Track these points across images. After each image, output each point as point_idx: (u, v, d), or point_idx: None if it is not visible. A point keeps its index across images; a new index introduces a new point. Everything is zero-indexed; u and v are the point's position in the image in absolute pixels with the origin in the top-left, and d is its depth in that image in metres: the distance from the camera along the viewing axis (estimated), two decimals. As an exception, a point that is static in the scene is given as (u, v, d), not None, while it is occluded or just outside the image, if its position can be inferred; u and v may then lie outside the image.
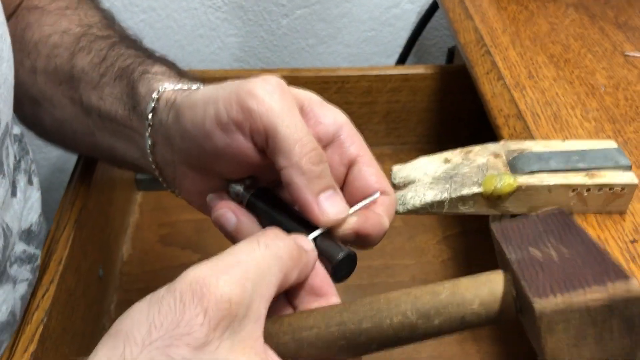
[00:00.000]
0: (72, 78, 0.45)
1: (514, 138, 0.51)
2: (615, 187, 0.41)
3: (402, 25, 0.96)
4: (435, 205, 0.41)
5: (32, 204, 0.48)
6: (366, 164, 0.37)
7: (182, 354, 0.25)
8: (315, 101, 0.37)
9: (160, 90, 0.40)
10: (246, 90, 0.34)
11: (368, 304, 0.29)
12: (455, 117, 0.79)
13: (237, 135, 0.34)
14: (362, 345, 0.29)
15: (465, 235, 0.70)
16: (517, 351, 0.58)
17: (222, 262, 0.28)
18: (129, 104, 0.42)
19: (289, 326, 0.29)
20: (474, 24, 0.66)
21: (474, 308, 0.27)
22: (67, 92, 0.46)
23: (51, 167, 1.03)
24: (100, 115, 0.44)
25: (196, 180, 0.40)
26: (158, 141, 0.40)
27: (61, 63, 0.46)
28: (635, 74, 0.57)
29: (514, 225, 0.31)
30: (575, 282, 0.25)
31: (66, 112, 0.47)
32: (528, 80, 0.56)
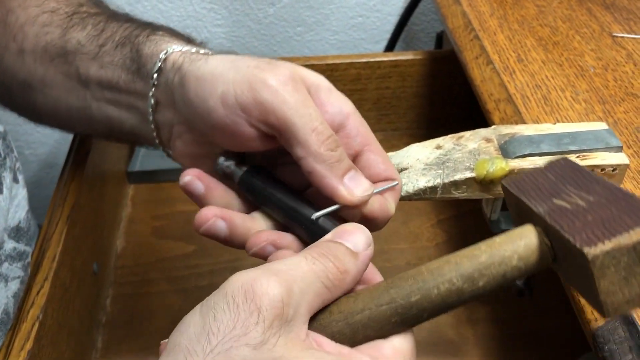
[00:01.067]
0: (66, 52, 0.45)
1: (505, 122, 0.51)
2: (607, 168, 0.41)
3: (389, 11, 0.95)
4: (428, 191, 0.41)
5: (19, 202, 0.48)
6: (374, 152, 0.37)
7: (242, 354, 0.26)
8: (324, 87, 0.37)
9: (168, 51, 0.40)
10: (260, 79, 0.34)
11: (412, 278, 0.30)
12: (445, 102, 0.79)
13: (241, 121, 0.35)
14: (414, 318, 0.30)
15: (458, 218, 0.70)
16: (513, 333, 0.59)
17: (272, 267, 0.29)
18: (133, 67, 0.42)
19: (340, 313, 0.30)
20: (461, 9, 0.66)
21: (514, 264, 0.29)
22: (61, 67, 0.45)
23: (40, 163, 1.02)
24: (101, 84, 0.44)
25: (191, 143, 0.40)
26: (161, 101, 0.40)
27: (52, 39, 0.46)
28: (624, 55, 0.57)
29: (526, 179, 0.33)
30: (616, 226, 0.26)
31: (60, 89, 0.46)
32: (517, 64, 0.56)
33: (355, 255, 0.31)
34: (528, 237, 0.29)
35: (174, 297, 0.63)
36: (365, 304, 0.30)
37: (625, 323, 0.35)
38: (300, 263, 0.29)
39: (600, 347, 0.35)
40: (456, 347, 0.58)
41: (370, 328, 0.30)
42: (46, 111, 0.49)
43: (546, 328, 0.59)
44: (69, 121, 0.49)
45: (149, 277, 0.64)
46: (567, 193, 0.30)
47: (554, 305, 0.60)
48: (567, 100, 0.52)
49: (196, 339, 0.26)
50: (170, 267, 0.65)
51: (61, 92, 0.46)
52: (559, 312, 0.59)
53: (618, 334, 0.35)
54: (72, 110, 0.47)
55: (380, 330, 0.30)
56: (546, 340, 0.58)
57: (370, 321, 0.29)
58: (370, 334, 0.30)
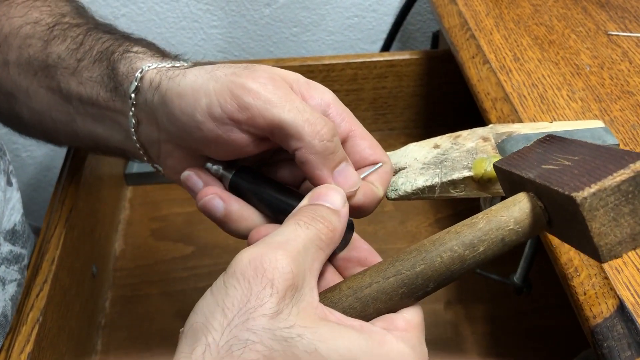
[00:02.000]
0: (47, 66, 0.45)
1: (502, 121, 0.51)
2: (604, 166, 0.41)
3: (385, 11, 0.96)
4: (426, 190, 0.41)
5: (14, 205, 0.48)
6: (359, 137, 0.37)
7: (260, 324, 0.27)
8: (302, 82, 0.37)
9: (143, 69, 0.40)
10: (239, 85, 0.34)
11: (415, 250, 0.31)
12: (442, 101, 0.79)
13: (231, 128, 0.35)
14: (420, 288, 0.31)
15: (456, 217, 0.70)
16: (512, 331, 0.59)
17: (274, 241, 0.30)
18: (110, 85, 0.42)
19: (349, 289, 0.31)
20: (457, 8, 0.66)
21: (511, 227, 0.30)
22: (44, 82, 0.45)
23: (38, 165, 1.02)
24: (82, 101, 0.43)
25: (180, 159, 0.40)
26: (142, 120, 0.40)
27: (35, 52, 0.45)
28: (619, 53, 0.58)
29: (515, 156, 0.35)
30: (600, 173, 0.28)
31: (44, 103, 0.46)
32: (513, 63, 0.57)
33: (336, 212, 0.32)
34: (521, 201, 0.31)
35: (173, 298, 0.63)
36: (372, 278, 0.31)
37: (624, 320, 0.35)
38: (297, 231, 0.30)
39: (599, 344, 0.35)
40: (455, 344, 0.58)
41: (380, 300, 0.31)
42: (32, 123, 0.49)
43: (545, 325, 0.59)
44: (55, 134, 0.49)
45: (147, 279, 0.64)
46: (554, 158, 0.32)
47: (553, 303, 0.60)
48: (564, 99, 0.52)
49: (212, 316, 0.27)
50: (168, 269, 0.66)
51: (45, 106, 0.46)
52: (557, 310, 0.59)
53: (617, 331, 0.35)
54: (58, 123, 0.47)
55: (389, 302, 0.31)
56: (545, 337, 0.58)
57: (379, 294, 0.31)
58: (380, 307, 0.31)
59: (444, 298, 0.62)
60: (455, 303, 0.61)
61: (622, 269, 0.37)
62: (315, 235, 0.31)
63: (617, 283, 0.36)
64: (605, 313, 0.36)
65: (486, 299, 0.61)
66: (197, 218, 0.71)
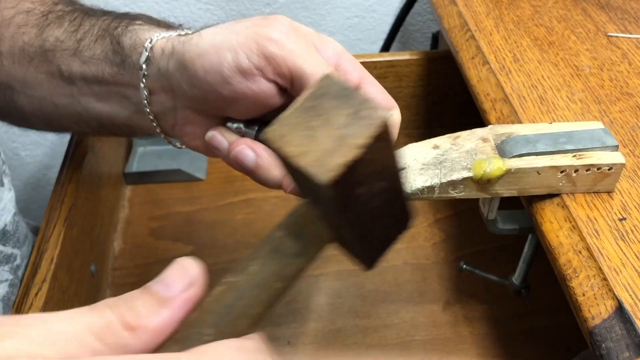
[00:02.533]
0: (44, 51, 0.45)
1: (502, 122, 0.51)
2: (603, 167, 0.41)
3: (385, 11, 0.96)
4: (426, 191, 0.41)
5: (5, 205, 0.47)
6: (370, 84, 0.39)
7: None
8: (315, 35, 0.39)
9: (152, 39, 0.40)
10: (264, 36, 0.35)
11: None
12: (441, 102, 0.79)
13: (260, 79, 0.36)
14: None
15: (456, 218, 0.71)
16: (510, 331, 0.59)
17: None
18: (117, 59, 0.42)
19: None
20: (457, 9, 0.66)
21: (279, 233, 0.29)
22: (42, 67, 0.45)
23: (37, 164, 1.02)
24: (86, 80, 0.43)
25: (200, 124, 0.40)
26: (156, 90, 0.40)
27: (29, 40, 0.45)
28: (619, 55, 0.58)
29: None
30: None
31: (44, 88, 0.46)
32: (513, 64, 0.57)
33: (163, 302, 0.25)
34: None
35: (172, 298, 0.63)
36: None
37: (623, 321, 0.35)
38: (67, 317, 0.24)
39: (598, 345, 0.35)
40: (453, 345, 0.58)
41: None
42: (32, 112, 0.48)
43: (543, 326, 0.59)
44: (58, 120, 0.48)
45: (146, 279, 0.64)
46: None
47: (551, 304, 0.60)
48: (563, 100, 0.52)
49: None
50: (168, 268, 0.65)
51: (45, 92, 0.46)
52: (556, 311, 0.60)
53: (615, 332, 0.35)
54: (60, 108, 0.46)
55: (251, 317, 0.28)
56: (543, 338, 0.58)
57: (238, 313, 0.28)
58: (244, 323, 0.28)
59: (442, 299, 0.62)
60: (453, 303, 0.61)
61: (620, 270, 0.37)
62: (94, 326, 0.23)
63: (616, 284, 0.37)
64: (604, 314, 0.36)
65: (485, 299, 0.62)
66: (197, 217, 0.71)
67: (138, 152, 0.78)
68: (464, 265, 0.58)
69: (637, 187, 0.43)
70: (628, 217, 0.41)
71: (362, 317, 0.61)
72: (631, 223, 0.40)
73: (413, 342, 0.58)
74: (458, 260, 0.62)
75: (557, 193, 0.43)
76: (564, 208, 0.42)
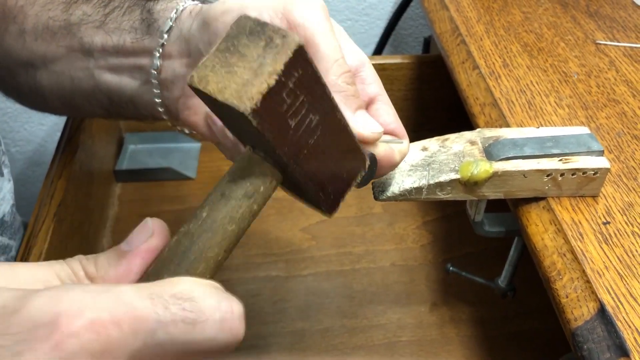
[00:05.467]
0: (69, 25, 0.45)
1: (490, 125, 0.52)
2: (588, 172, 0.42)
3: (378, 15, 0.96)
4: (413, 192, 0.42)
5: (4, 195, 0.47)
6: (385, 103, 0.38)
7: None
8: (343, 35, 0.38)
9: (184, 4, 0.41)
10: (295, 4, 0.35)
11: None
12: (432, 105, 0.80)
13: None
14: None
15: (444, 220, 0.71)
16: (496, 333, 0.59)
17: None
18: (143, 26, 0.42)
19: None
20: (449, 14, 0.67)
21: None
22: (63, 40, 0.46)
23: (27, 161, 1.01)
24: (105, 50, 0.44)
25: None
26: (173, 54, 0.41)
27: (54, 15, 0.46)
28: (606, 62, 0.58)
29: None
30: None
31: (62, 62, 0.46)
32: (503, 69, 0.57)
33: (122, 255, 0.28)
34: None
35: (160, 295, 0.63)
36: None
37: (604, 323, 0.36)
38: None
39: (579, 346, 0.36)
40: (439, 346, 0.58)
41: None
42: (50, 89, 0.49)
43: (529, 328, 0.60)
44: (71, 97, 0.49)
45: (135, 276, 0.64)
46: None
47: (537, 306, 0.61)
48: (551, 106, 0.53)
49: None
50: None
51: (64, 66, 0.46)
52: (541, 313, 0.60)
53: (597, 334, 0.36)
54: (75, 82, 0.47)
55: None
56: (528, 340, 0.59)
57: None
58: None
59: (429, 301, 0.62)
60: (440, 305, 0.62)
61: (603, 273, 0.38)
62: None
63: (599, 286, 0.37)
64: (586, 316, 0.37)
65: (471, 301, 0.62)
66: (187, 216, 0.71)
67: (129, 150, 0.78)
68: (451, 267, 0.59)
69: (621, 191, 0.44)
70: (612, 221, 0.41)
71: (349, 318, 0.61)
72: (615, 227, 0.41)
73: (399, 343, 0.59)
74: (445, 262, 0.62)
75: (543, 196, 0.43)
76: (549, 211, 0.43)
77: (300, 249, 0.68)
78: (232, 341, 0.25)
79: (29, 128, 0.99)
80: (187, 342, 0.23)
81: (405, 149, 0.38)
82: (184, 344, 0.23)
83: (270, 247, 0.68)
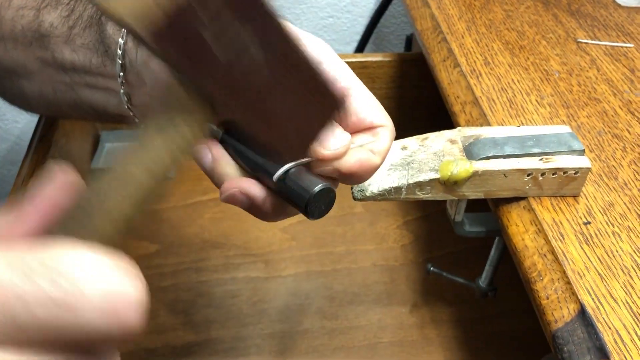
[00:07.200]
0: (41, 36, 0.43)
1: (471, 124, 0.51)
2: (569, 171, 0.41)
3: (360, 12, 0.96)
4: (393, 192, 0.41)
5: None
6: (358, 95, 0.34)
7: None
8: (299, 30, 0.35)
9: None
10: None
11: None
12: (413, 103, 0.79)
13: None
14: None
15: (424, 219, 0.71)
16: (477, 334, 0.59)
17: None
18: (101, 49, 0.40)
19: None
20: (430, 11, 0.66)
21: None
22: (38, 53, 0.44)
23: (1, 160, 0.99)
24: (75, 69, 0.42)
25: None
26: (134, 84, 0.39)
27: (27, 22, 0.44)
28: (588, 60, 0.58)
29: None
30: None
31: (43, 74, 0.45)
32: (484, 67, 0.57)
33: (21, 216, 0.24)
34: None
35: (137, 297, 0.61)
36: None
37: (585, 324, 0.35)
38: None
39: (560, 348, 0.35)
40: (420, 347, 0.58)
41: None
42: (33, 97, 0.47)
43: (509, 329, 0.59)
44: (58, 106, 0.47)
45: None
46: None
47: (517, 307, 0.60)
48: (532, 104, 0.52)
49: None
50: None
51: (45, 78, 0.45)
52: (522, 314, 0.60)
53: (577, 336, 0.35)
54: (58, 94, 0.45)
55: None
56: (509, 341, 0.59)
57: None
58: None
59: (410, 301, 0.62)
60: (420, 306, 0.61)
61: (584, 274, 0.37)
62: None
63: (579, 287, 0.37)
64: (567, 317, 0.36)
65: (452, 302, 0.62)
66: (164, 216, 0.70)
67: (105, 147, 0.76)
68: (432, 268, 0.58)
69: (602, 191, 0.43)
70: (593, 221, 0.41)
71: (329, 319, 0.60)
72: (595, 227, 0.41)
73: (380, 344, 0.58)
74: (426, 263, 0.62)
75: (523, 196, 0.43)
76: (530, 211, 0.42)
77: (280, 249, 0.67)
78: (119, 333, 0.20)
79: (3, 126, 0.96)
80: (58, 328, 0.19)
81: (386, 144, 0.34)
82: (54, 329, 0.19)
83: (249, 248, 0.67)
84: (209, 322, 0.59)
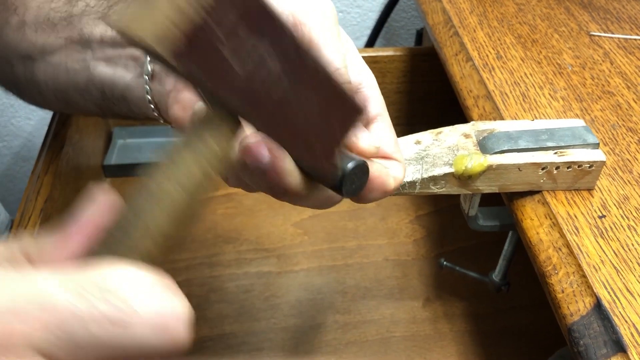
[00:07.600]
0: (70, 16, 0.45)
1: (484, 118, 0.51)
2: (584, 165, 0.41)
3: (370, 7, 0.95)
4: (407, 186, 0.41)
5: None
6: (385, 123, 0.36)
7: None
8: (352, 48, 0.36)
9: None
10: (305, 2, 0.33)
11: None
12: (425, 98, 0.79)
13: None
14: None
15: (436, 214, 0.71)
16: (490, 328, 0.59)
17: None
18: None
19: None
20: (442, 5, 0.66)
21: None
22: (63, 32, 0.45)
23: (14, 156, 1.00)
24: (103, 41, 0.43)
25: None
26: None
27: (56, 7, 0.45)
28: (601, 53, 0.58)
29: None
30: None
31: (60, 54, 0.46)
32: (496, 61, 0.57)
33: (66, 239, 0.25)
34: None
35: (150, 292, 0.62)
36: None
37: (601, 318, 0.35)
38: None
39: (576, 341, 0.35)
40: (433, 342, 0.58)
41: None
42: (45, 82, 0.48)
43: (523, 323, 0.59)
44: (66, 90, 0.48)
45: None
46: None
47: (531, 301, 0.60)
48: (546, 98, 0.52)
49: None
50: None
51: (61, 57, 0.46)
52: (535, 308, 0.60)
53: (593, 329, 0.35)
54: (70, 74, 0.46)
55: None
56: (523, 335, 0.58)
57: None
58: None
59: (422, 296, 0.62)
60: (433, 300, 0.61)
61: (599, 268, 0.37)
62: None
63: (595, 281, 0.37)
64: (582, 311, 0.36)
65: (465, 296, 0.62)
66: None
67: (117, 144, 0.76)
68: (445, 262, 0.58)
69: (616, 184, 0.43)
70: (607, 215, 0.41)
71: (342, 313, 0.60)
72: (610, 220, 0.40)
73: (393, 339, 0.58)
74: (439, 257, 0.62)
75: (537, 190, 0.43)
76: (544, 205, 0.42)
77: (292, 244, 0.67)
78: (170, 348, 0.21)
79: (16, 123, 0.97)
80: (113, 344, 0.20)
81: (400, 176, 0.35)
82: (109, 346, 0.20)
83: (261, 243, 0.67)
84: (222, 317, 0.60)
